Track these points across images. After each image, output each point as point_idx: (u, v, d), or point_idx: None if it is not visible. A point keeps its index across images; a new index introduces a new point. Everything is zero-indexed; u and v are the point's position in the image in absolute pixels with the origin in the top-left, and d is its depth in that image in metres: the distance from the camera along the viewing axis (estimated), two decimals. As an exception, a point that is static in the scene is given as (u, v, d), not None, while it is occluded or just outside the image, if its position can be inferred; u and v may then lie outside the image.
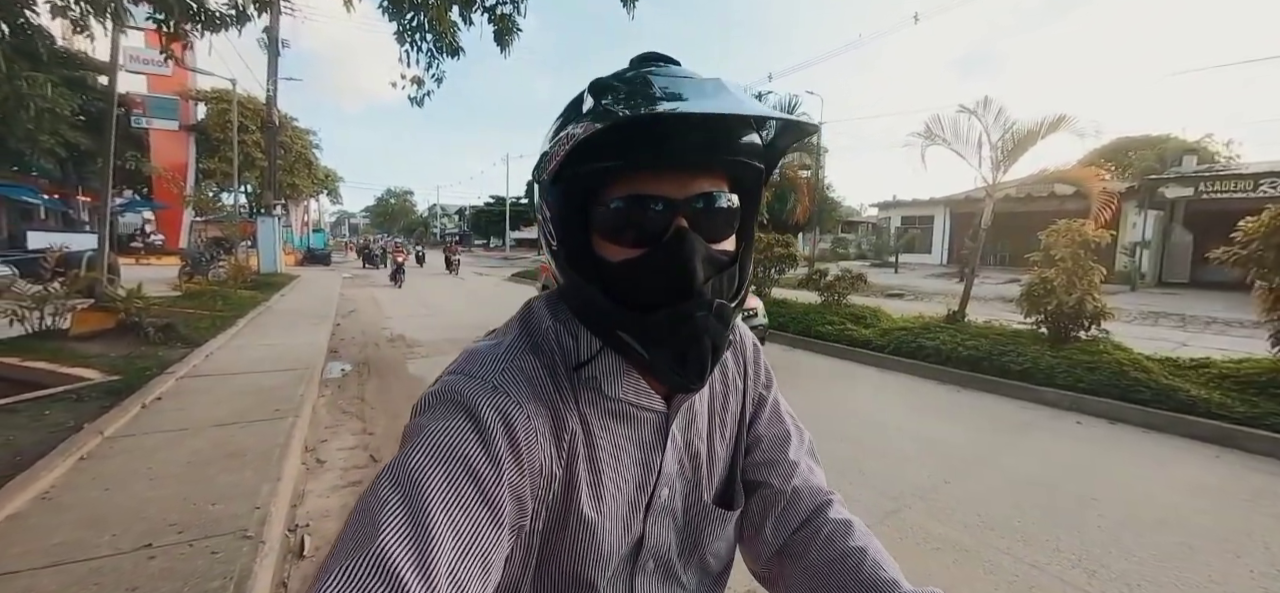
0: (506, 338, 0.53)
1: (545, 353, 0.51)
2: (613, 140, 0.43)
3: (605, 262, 0.48)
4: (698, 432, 0.61)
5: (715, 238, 0.48)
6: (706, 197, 0.47)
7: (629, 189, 0.46)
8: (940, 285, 15.88)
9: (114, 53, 6.43)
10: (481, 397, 0.45)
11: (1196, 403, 4.24)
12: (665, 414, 0.56)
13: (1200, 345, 7.17)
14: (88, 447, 2.92)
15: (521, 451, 0.45)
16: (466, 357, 0.51)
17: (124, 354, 5.09)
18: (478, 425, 0.43)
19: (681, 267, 0.45)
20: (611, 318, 0.48)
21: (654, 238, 0.46)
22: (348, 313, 9.63)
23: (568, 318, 0.53)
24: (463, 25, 5.32)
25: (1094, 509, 2.86)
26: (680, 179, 0.46)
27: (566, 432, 0.49)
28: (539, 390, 0.49)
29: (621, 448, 0.54)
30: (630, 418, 0.54)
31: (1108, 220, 6.51)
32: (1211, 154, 21.99)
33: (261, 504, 2.37)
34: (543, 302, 0.56)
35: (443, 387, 0.47)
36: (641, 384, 0.53)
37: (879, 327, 7.03)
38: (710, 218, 0.47)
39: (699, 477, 0.61)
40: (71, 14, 4.78)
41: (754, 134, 0.50)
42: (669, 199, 0.46)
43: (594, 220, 0.48)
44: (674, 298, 0.45)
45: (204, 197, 22.61)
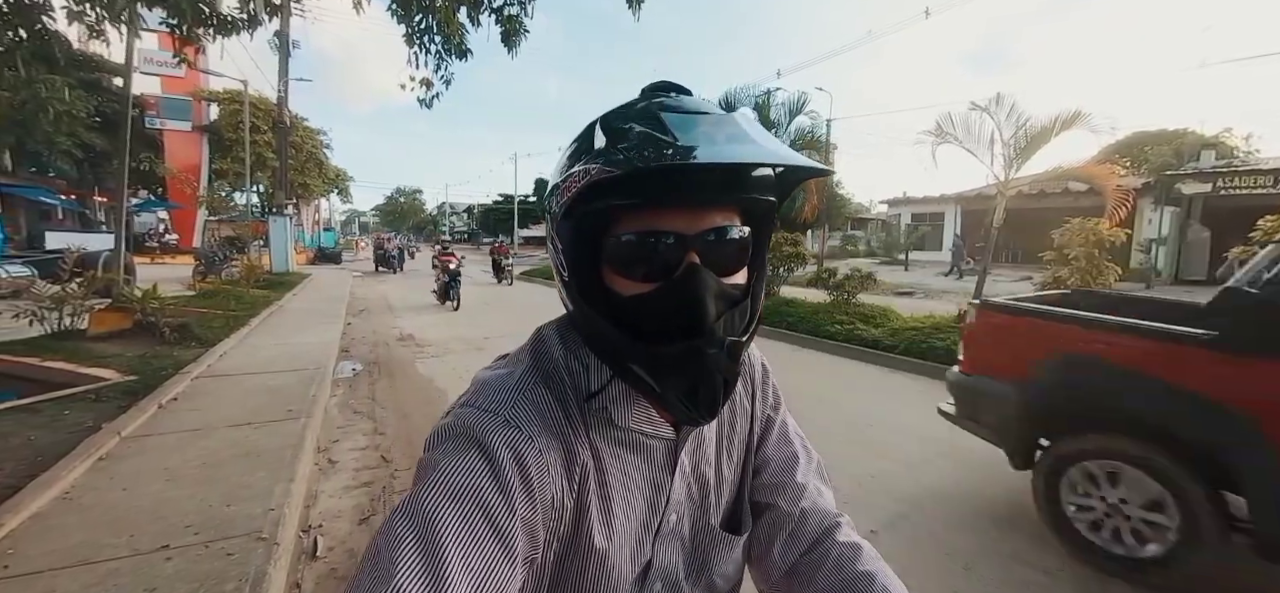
0: (518, 369, 0.53)
1: (556, 383, 0.52)
2: (625, 179, 0.43)
3: (616, 295, 0.48)
4: (706, 457, 0.61)
5: (727, 271, 0.49)
6: (718, 231, 0.47)
7: (640, 225, 0.46)
8: (951, 284, 15.72)
9: (128, 56, 6.52)
10: (494, 432, 0.46)
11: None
12: (674, 442, 0.56)
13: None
14: (106, 447, 2.98)
15: (534, 485, 0.45)
16: (478, 387, 0.52)
17: (140, 354, 5.17)
18: (491, 462, 0.44)
19: (693, 305, 0.45)
20: (622, 351, 0.48)
21: (665, 273, 0.46)
22: (359, 312, 9.73)
23: (578, 347, 0.54)
24: (470, 27, 5.33)
25: (1109, 514, 2.82)
26: (692, 214, 0.46)
27: (577, 463, 0.49)
28: (550, 423, 0.49)
29: (631, 476, 0.54)
30: (640, 447, 0.55)
31: (1123, 217, 6.41)
32: (1230, 149, 21.54)
33: (275, 505, 2.40)
34: (553, 330, 0.57)
35: (456, 420, 0.48)
36: (651, 413, 0.54)
37: (888, 326, 6.97)
38: (722, 251, 0.48)
39: (706, 501, 0.61)
40: (87, 19, 4.86)
41: (767, 169, 0.50)
42: (680, 234, 0.46)
43: (605, 253, 0.48)
44: (685, 334, 0.45)
45: (217, 197, 22.93)
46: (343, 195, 38.46)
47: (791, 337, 7.49)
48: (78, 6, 4.77)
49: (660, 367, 0.46)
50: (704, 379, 0.46)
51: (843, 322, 7.22)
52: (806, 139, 10.68)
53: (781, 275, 9.05)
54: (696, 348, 0.45)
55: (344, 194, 38.02)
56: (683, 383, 0.46)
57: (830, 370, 6.08)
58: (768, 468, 0.66)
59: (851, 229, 32.94)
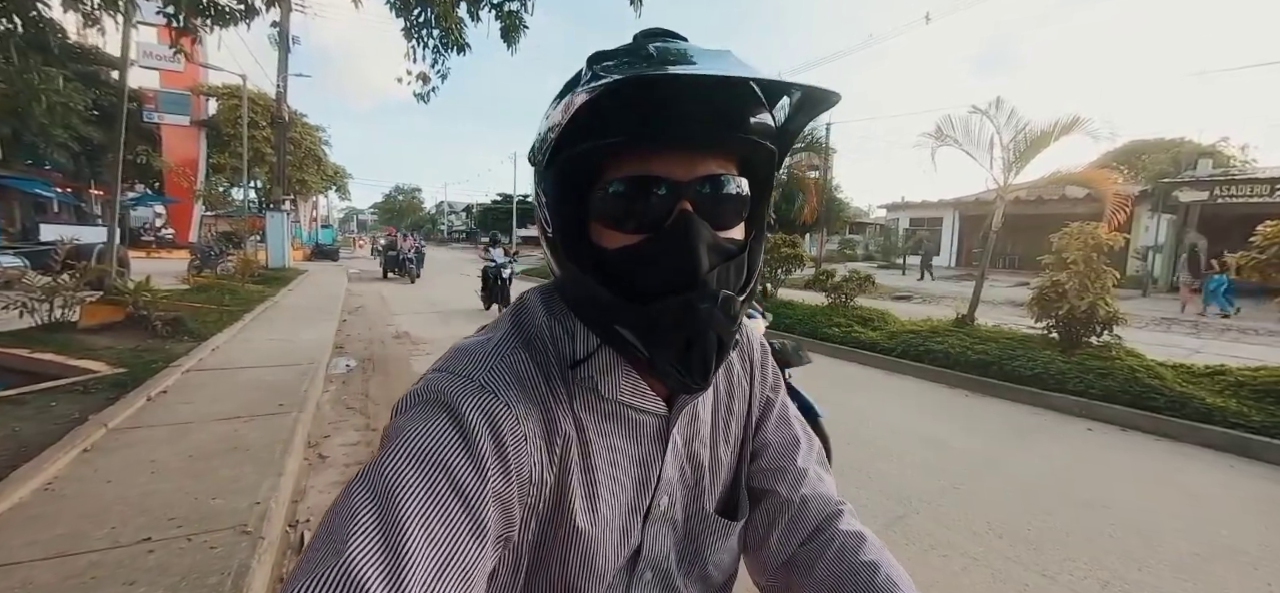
0: (497, 333, 0.49)
1: (538, 349, 0.48)
2: (613, 116, 0.40)
3: (603, 250, 0.45)
4: (701, 437, 0.57)
5: (722, 225, 0.45)
6: (713, 180, 0.44)
7: (629, 171, 0.43)
8: (949, 288, 15.73)
9: (124, 47, 6.48)
10: (466, 397, 0.42)
11: (1212, 411, 4.15)
12: (666, 417, 0.53)
13: (1214, 352, 7.04)
14: (92, 438, 2.93)
15: (509, 456, 0.41)
16: (453, 353, 0.48)
17: (131, 347, 5.12)
18: (461, 428, 0.40)
19: (685, 254, 0.42)
20: (609, 311, 0.44)
21: (656, 223, 0.43)
22: (355, 308, 9.67)
23: (563, 313, 0.50)
24: (470, 22, 5.31)
25: (1106, 518, 2.80)
26: (686, 160, 0.43)
27: (558, 435, 0.46)
28: (530, 390, 0.45)
29: (619, 452, 0.50)
30: (628, 421, 0.51)
31: (1121, 223, 6.40)
32: (1227, 158, 21.65)
33: (262, 500, 2.36)
34: (537, 295, 0.53)
35: (425, 384, 0.44)
36: (641, 384, 0.50)
37: (886, 329, 6.96)
38: (717, 204, 0.44)
39: (701, 484, 0.58)
40: (82, 7, 4.82)
41: (766, 113, 0.46)
42: (673, 181, 0.42)
43: (592, 206, 0.45)
44: (676, 288, 0.42)
45: (214, 192, 22.82)
46: (341, 193, 38.38)
47: (789, 339, 7.45)
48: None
49: (650, 326, 0.43)
50: (697, 338, 0.42)
51: (841, 323, 7.20)
52: (806, 141, 10.67)
53: (780, 277, 9.03)
54: (689, 302, 0.41)
55: (342, 192, 37.94)
56: (674, 343, 0.43)
57: (829, 371, 6.05)
58: (766, 452, 0.62)
59: (850, 233, 32.98)
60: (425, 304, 10.59)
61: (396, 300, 11.08)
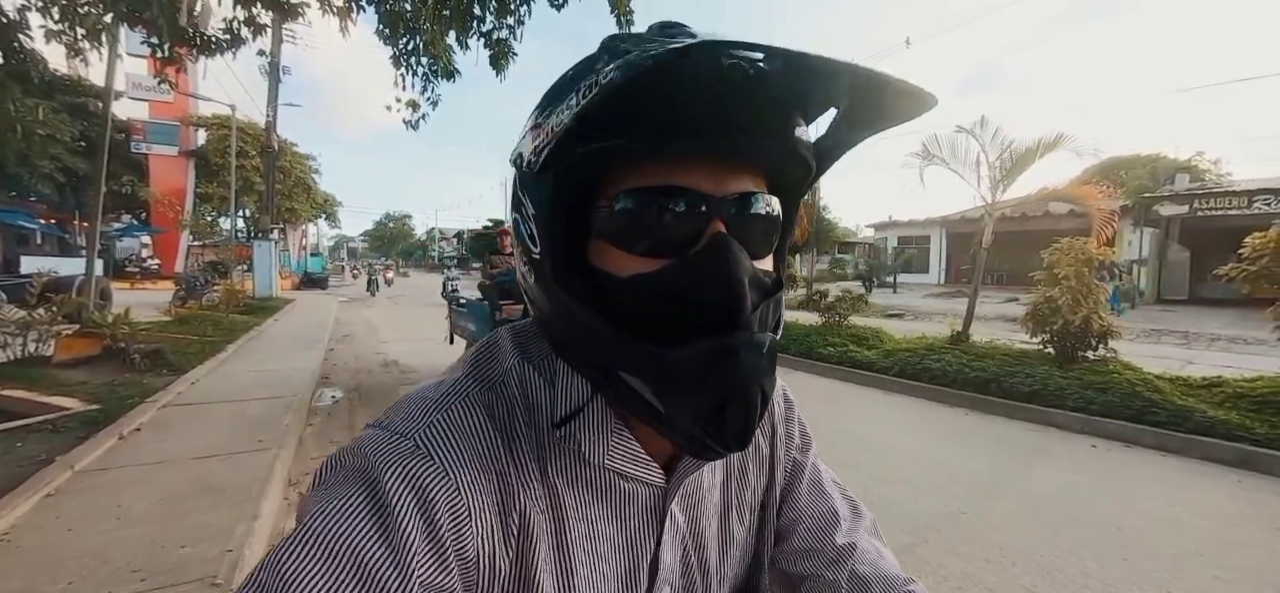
0: (451, 378, 0.40)
1: (501, 400, 0.39)
2: (630, 113, 0.32)
3: (608, 276, 0.36)
4: (705, 511, 0.47)
5: (755, 253, 0.37)
6: (748, 198, 0.36)
7: (647, 180, 0.34)
8: (940, 305, 15.81)
9: (109, 78, 6.41)
10: (391, 463, 0.34)
11: (1214, 424, 4.11)
12: (663, 490, 0.42)
13: (1207, 363, 7.06)
14: (56, 482, 2.76)
15: (443, 536, 0.33)
16: (396, 404, 0.39)
17: (107, 381, 4.93)
18: (379, 507, 0.32)
19: (725, 285, 0.33)
20: (611, 353, 0.35)
21: (681, 247, 0.34)
22: (342, 337, 9.48)
23: (543, 355, 0.41)
24: (459, 50, 5.32)
25: (1118, 539, 2.72)
26: (715, 171, 0.35)
27: (516, 508, 0.37)
28: (480, 452, 0.36)
29: (602, 531, 0.41)
30: (616, 492, 0.41)
31: (1109, 238, 6.47)
32: (1202, 172, 22.25)
33: (234, 546, 2.21)
34: (508, 333, 0.44)
35: (349, 446, 0.36)
36: (635, 447, 0.40)
37: (882, 348, 6.91)
38: (752, 225, 0.36)
39: (709, 573, 0.47)
40: (66, 39, 4.77)
41: (804, 127, 0.38)
42: (703, 195, 0.34)
43: (595, 222, 0.36)
44: (710, 329, 0.33)
45: (201, 221, 22.60)
46: (331, 220, 38.21)
47: (785, 359, 7.38)
48: (56, 26, 4.69)
49: (670, 375, 0.34)
50: (735, 393, 0.33)
51: (836, 343, 7.15)
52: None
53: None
54: (729, 348, 0.33)
55: (332, 219, 37.78)
56: (703, 398, 0.34)
57: (826, 393, 5.98)
58: (798, 529, 0.52)
59: (839, 252, 33.29)
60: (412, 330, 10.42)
61: (385, 327, 10.90)
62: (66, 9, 4.48)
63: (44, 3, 4.46)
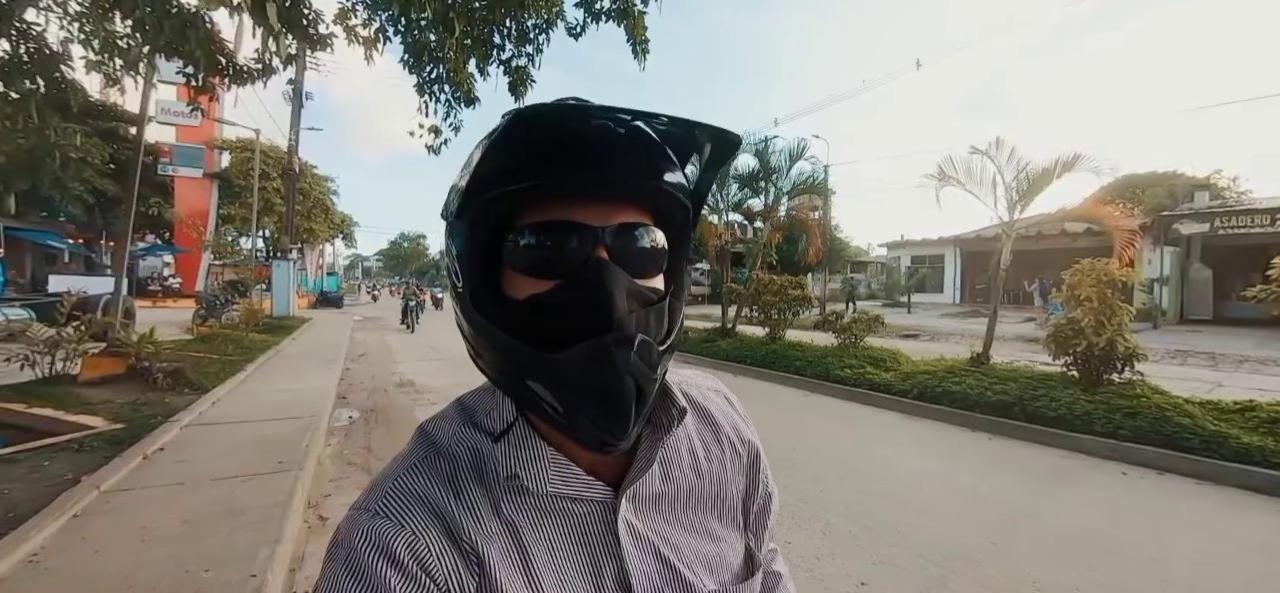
0: (403, 453, 0.48)
1: (448, 460, 0.46)
2: (528, 163, 0.39)
3: (513, 300, 0.42)
4: (677, 517, 0.50)
5: (640, 274, 0.43)
6: (630, 228, 0.43)
7: (542, 216, 0.41)
8: (956, 325, 15.58)
9: (143, 105, 6.66)
10: (357, 533, 0.41)
11: (1250, 451, 3.97)
12: (610, 502, 0.46)
13: (1237, 386, 6.85)
14: (82, 503, 2.80)
15: (413, 569, 0.40)
16: (367, 487, 0.47)
17: (131, 400, 5.02)
18: (356, 571, 0.39)
19: (598, 294, 0.40)
20: (520, 364, 0.41)
21: (570, 270, 0.41)
22: (357, 357, 9.57)
23: (486, 414, 0.47)
24: (479, 77, 5.44)
25: (1158, 574, 2.62)
26: (602, 207, 0.42)
27: (466, 541, 0.42)
28: (428, 504, 0.43)
29: (562, 553, 0.45)
30: (566, 516, 0.45)
31: (1131, 258, 6.36)
32: (1221, 190, 21.87)
33: (257, 571, 2.22)
34: (454, 406, 0.50)
35: (336, 534, 0.43)
36: (571, 469, 0.45)
37: (899, 370, 6.81)
38: (634, 251, 0.43)
39: (698, 575, 0.49)
40: (105, 69, 4.96)
41: (678, 171, 0.45)
42: (588, 227, 0.41)
43: (505, 255, 0.43)
44: (590, 332, 0.39)
45: (223, 241, 23.14)
46: (348, 240, 38.91)
47: (800, 382, 7.31)
48: (97, 57, 4.89)
49: (563, 376, 0.40)
50: (613, 384, 0.39)
51: (852, 365, 7.06)
52: (807, 184, 10.78)
53: (787, 318, 8.93)
54: (602, 345, 0.39)
55: (349, 239, 38.48)
56: (590, 393, 0.39)
57: (843, 416, 5.88)
58: (760, 527, 0.59)
59: (851, 273, 33.09)
60: (429, 350, 10.49)
61: (400, 347, 10.99)
62: (107, 42, 4.67)
63: (86, 35, 4.66)
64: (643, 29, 4.63)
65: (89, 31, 4.63)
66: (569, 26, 4.95)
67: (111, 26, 4.65)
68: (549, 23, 4.98)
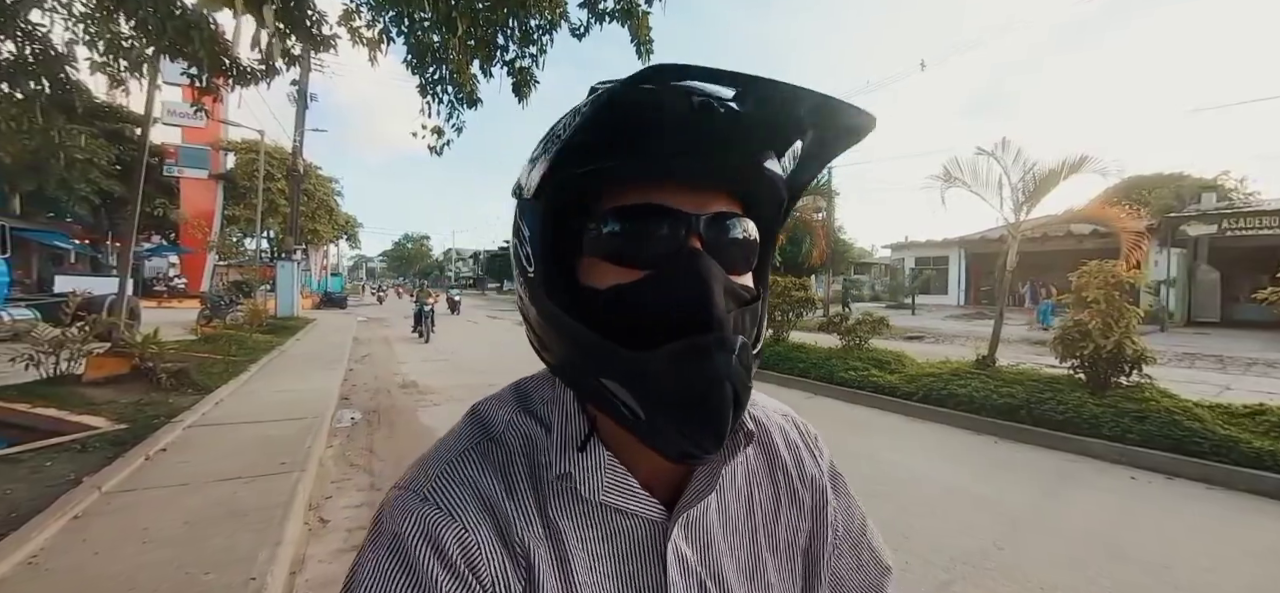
0: (453, 434, 0.45)
1: (501, 449, 0.43)
2: (616, 141, 0.36)
3: (593, 290, 0.39)
4: (726, 553, 0.46)
5: (733, 269, 0.39)
6: (724, 218, 0.39)
7: (630, 200, 0.38)
8: (961, 327, 15.50)
9: (148, 107, 6.68)
10: (406, 517, 0.39)
11: (1261, 455, 3.92)
12: (662, 524, 0.43)
13: (1245, 389, 6.78)
14: (83, 504, 2.79)
15: (461, 568, 0.37)
16: (412, 464, 0.44)
17: (134, 401, 5.03)
18: (402, 559, 0.37)
19: (697, 290, 0.36)
20: (596, 360, 0.37)
21: (661, 260, 0.37)
22: (361, 358, 9.58)
23: (543, 404, 0.44)
24: (483, 78, 5.43)
25: (1167, 580, 2.58)
26: (693, 193, 0.38)
27: (517, 543, 0.40)
28: (481, 496, 0.40)
29: (603, 566, 0.41)
30: (614, 527, 0.42)
31: (1138, 261, 6.31)
32: (1228, 191, 21.69)
33: (257, 574, 2.20)
34: (510, 390, 0.47)
35: (380, 513, 0.41)
36: (631, 483, 0.41)
37: (904, 372, 6.76)
38: (728, 243, 0.39)
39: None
40: (109, 70, 4.98)
41: (777, 160, 0.41)
42: (682, 213, 0.37)
43: (584, 241, 0.39)
44: (684, 330, 0.35)
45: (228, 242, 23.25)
46: (352, 241, 39.06)
47: (804, 383, 7.27)
48: (101, 58, 4.91)
49: (647, 377, 0.36)
50: (710, 390, 0.35)
51: (857, 367, 7.02)
52: (813, 187, 10.80)
53: (791, 320, 8.90)
54: (701, 346, 0.35)
55: (353, 240, 38.62)
56: (678, 398, 0.35)
57: (848, 419, 5.84)
58: (841, 575, 0.51)
59: (855, 274, 32.97)
60: (433, 351, 10.49)
61: (403, 348, 11.00)
62: (112, 43, 4.69)
63: (91, 37, 4.68)
64: (646, 29, 4.62)
65: (94, 33, 4.65)
66: (573, 27, 4.94)
67: (116, 28, 4.67)
68: (553, 23, 4.96)
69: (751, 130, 0.38)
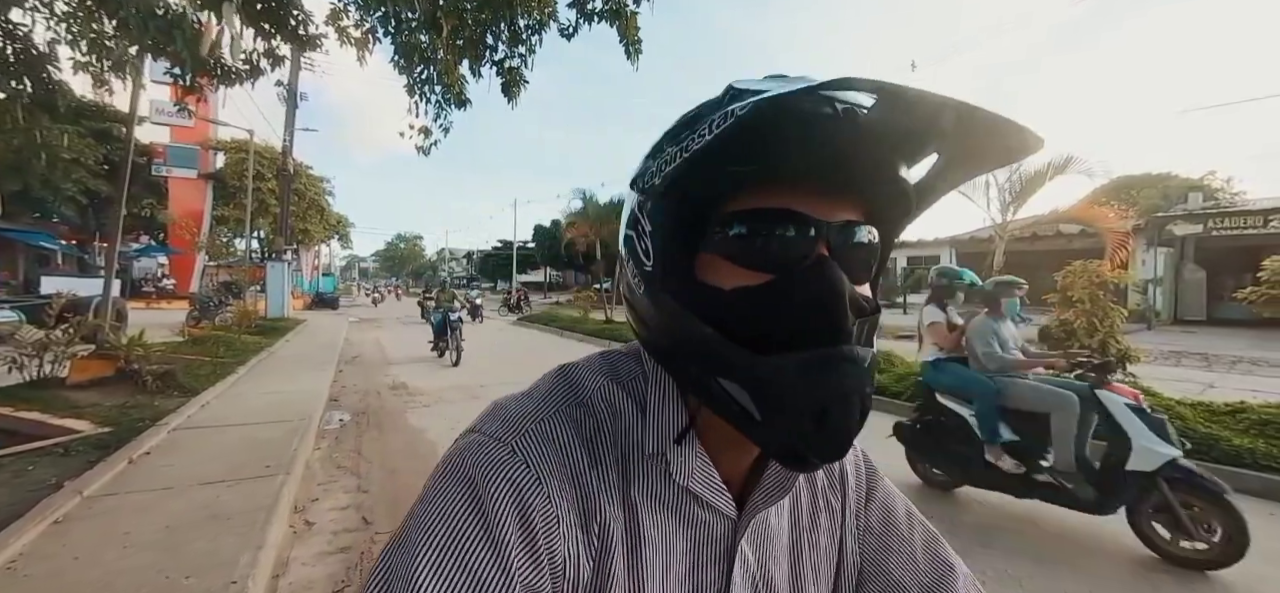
0: (540, 391, 0.43)
1: (591, 417, 0.42)
2: (749, 143, 0.34)
3: (714, 289, 0.37)
4: (777, 559, 0.47)
5: (855, 278, 0.38)
6: (852, 226, 0.38)
7: (761, 202, 0.37)
8: (951, 326, 15.59)
9: (133, 106, 6.61)
10: (493, 469, 0.37)
11: (1240, 453, 3.98)
12: (734, 523, 0.43)
13: (1229, 387, 6.88)
14: (64, 509, 2.77)
15: (538, 539, 0.36)
16: (490, 411, 0.42)
17: (119, 404, 4.98)
18: (481, 511, 0.36)
19: (829, 299, 0.35)
20: (714, 360, 0.37)
21: (788, 264, 0.36)
22: (351, 359, 9.53)
23: (632, 379, 0.43)
24: (471, 79, 5.42)
25: (1147, 578, 2.61)
26: (823, 199, 0.37)
27: (597, 520, 0.39)
28: (568, 464, 0.39)
29: (675, 555, 0.41)
30: (690, 520, 0.42)
31: (1123, 260, 6.40)
32: (1214, 191, 22.00)
33: (239, 577, 2.19)
34: (599, 358, 0.46)
35: (457, 452, 0.40)
36: (711, 471, 0.42)
37: (893, 372, 6.81)
38: (854, 252, 0.38)
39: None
40: (93, 69, 4.93)
41: (906, 169, 0.39)
42: (811, 219, 0.36)
43: (707, 239, 0.38)
44: (814, 340, 0.35)
45: (217, 242, 23.03)
46: (343, 241, 38.82)
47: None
48: (84, 57, 4.85)
49: (771, 383, 0.35)
50: (836, 402, 0.35)
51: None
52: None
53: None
54: (832, 358, 0.35)
55: (344, 240, 38.38)
56: (801, 408, 0.35)
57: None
58: (874, 583, 0.51)
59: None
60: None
61: (393, 348, 10.95)
62: (94, 42, 4.64)
63: (73, 36, 4.62)
64: (635, 29, 4.62)
65: (76, 32, 4.60)
66: (561, 27, 4.93)
67: (99, 26, 4.62)
68: (541, 23, 4.96)
69: (887, 139, 0.36)
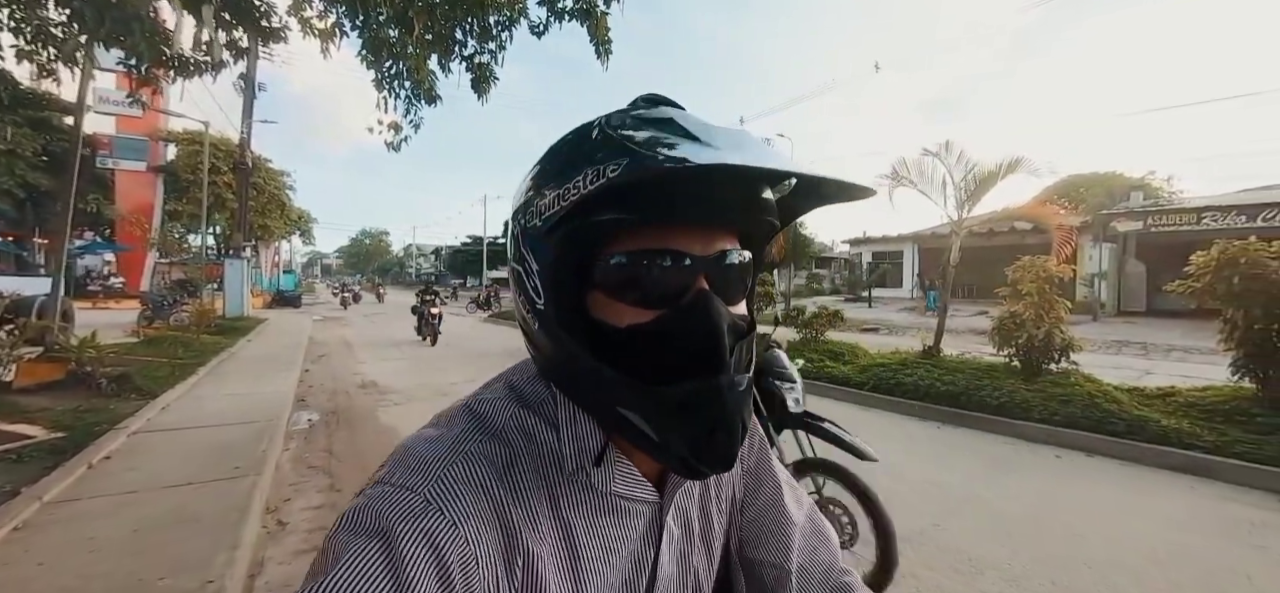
0: (452, 431, 0.44)
1: (506, 448, 0.43)
2: (632, 188, 0.37)
3: (606, 325, 0.41)
4: (693, 520, 0.55)
5: (732, 300, 0.43)
6: (726, 255, 0.42)
7: (643, 243, 0.40)
8: (913, 319, 16.23)
9: (81, 96, 6.28)
10: (403, 520, 0.37)
11: (1167, 433, 4.34)
12: (659, 506, 0.50)
13: (1163, 373, 7.43)
14: (24, 515, 2.68)
15: (455, 586, 0.37)
16: (398, 457, 0.43)
17: (72, 408, 4.76)
18: (392, 564, 0.35)
19: (709, 333, 0.39)
20: (614, 392, 0.41)
21: (670, 299, 0.40)
22: (318, 358, 9.30)
23: (540, 401, 0.46)
24: (441, 74, 5.37)
25: (1082, 548, 2.86)
26: (702, 234, 0.41)
27: (520, 551, 0.41)
28: (486, 502, 0.40)
29: (612, 547, 0.47)
30: (620, 513, 0.47)
31: (1069, 255, 6.81)
32: (1155, 190, 23.43)
33: (215, 577, 2.19)
34: (502, 385, 0.48)
35: (362, 504, 0.39)
36: (634, 473, 0.47)
37: (857, 363, 7.09)
38: (729, 277, 0.43)
39: (701, 575, 0.55)
40: (39, 59, 4.68)
41: (771, 190, 0.45)
42: (692, 255, 0.40)
43: (595, 276, 0.41)
44: (699, 370, 0.39)
45: (170, 238, 21.91)
46: (305, 237, 37.46)
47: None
48: (29, 46, 4.60)
49: (665, 411, 0.40)
50: (721, 424, 0.40)
51: (813, 359, 7.31)
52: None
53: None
54: (716, 387, 0.39)
55: (306, 236, 37.05)
56: (692, 429, 0.40)
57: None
58: (748, 515, 0.60)
59: (815, 268, 33.94)
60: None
61: (362, 347, 10.72)
62: (39, 30, 4.41)
63: (16, 23, 4.39)
64: (605, 30, 4.67)
65: (20, 19, 4.36)
66: (532, 25, 4.95)
67: (44, 13, 4.40)
68: (512, 20, 4.96)
69: (754, 178, 0.41)
